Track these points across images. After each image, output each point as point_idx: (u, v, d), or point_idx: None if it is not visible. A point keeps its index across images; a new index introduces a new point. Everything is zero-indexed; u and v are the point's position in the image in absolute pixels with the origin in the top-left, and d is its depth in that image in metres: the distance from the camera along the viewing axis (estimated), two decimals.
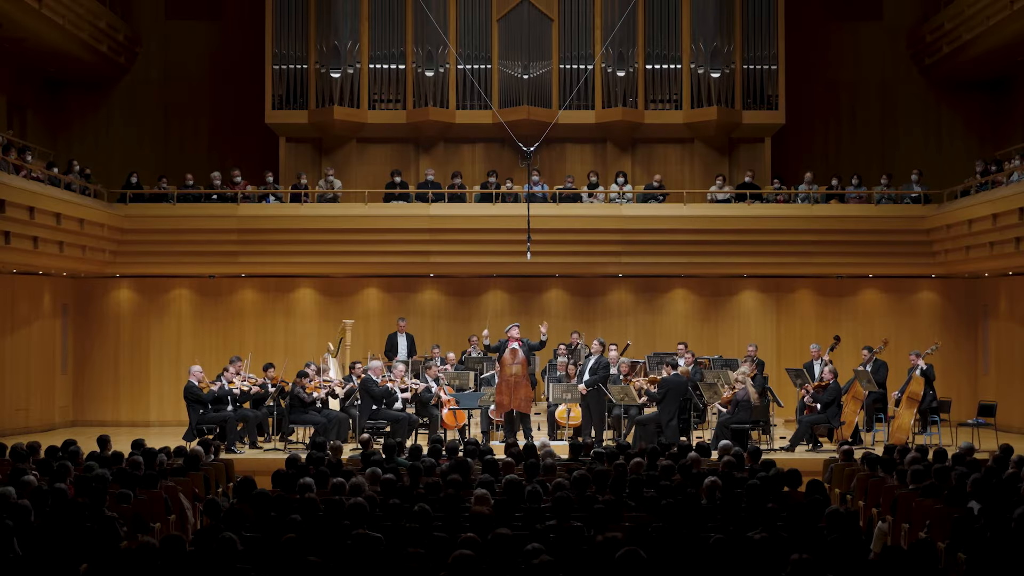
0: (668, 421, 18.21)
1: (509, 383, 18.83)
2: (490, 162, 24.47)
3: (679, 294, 24.28)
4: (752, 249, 22.58)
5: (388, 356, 21.77)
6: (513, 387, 18.83)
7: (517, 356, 18.96)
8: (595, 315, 24.22)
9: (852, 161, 25.10)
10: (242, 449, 18.71)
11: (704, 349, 23.16)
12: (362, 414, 18.77)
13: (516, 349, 18.95)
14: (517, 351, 18.95)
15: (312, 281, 24.14)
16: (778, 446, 18.99)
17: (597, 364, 19.13)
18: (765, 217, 22.57)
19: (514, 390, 18.82)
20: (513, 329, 19.07)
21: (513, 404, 18.84)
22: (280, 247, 22.53)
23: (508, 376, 18.85)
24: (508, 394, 18.83)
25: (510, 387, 18.83)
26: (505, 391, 18.83)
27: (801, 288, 24.16)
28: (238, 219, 22.42)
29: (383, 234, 22.43)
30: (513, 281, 24.20)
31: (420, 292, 24.32)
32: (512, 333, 19.02)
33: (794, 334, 24.00)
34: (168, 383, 23.59)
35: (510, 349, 18.93)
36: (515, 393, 18.82)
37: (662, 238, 22.53)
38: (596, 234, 22.53)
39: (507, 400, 18.83)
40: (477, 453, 14.15)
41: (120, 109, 25.41)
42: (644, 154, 24.83)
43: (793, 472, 12.27)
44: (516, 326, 19.18)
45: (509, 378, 18.84)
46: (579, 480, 11.29)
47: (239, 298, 24.09)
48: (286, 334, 23.99)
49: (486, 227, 22.33)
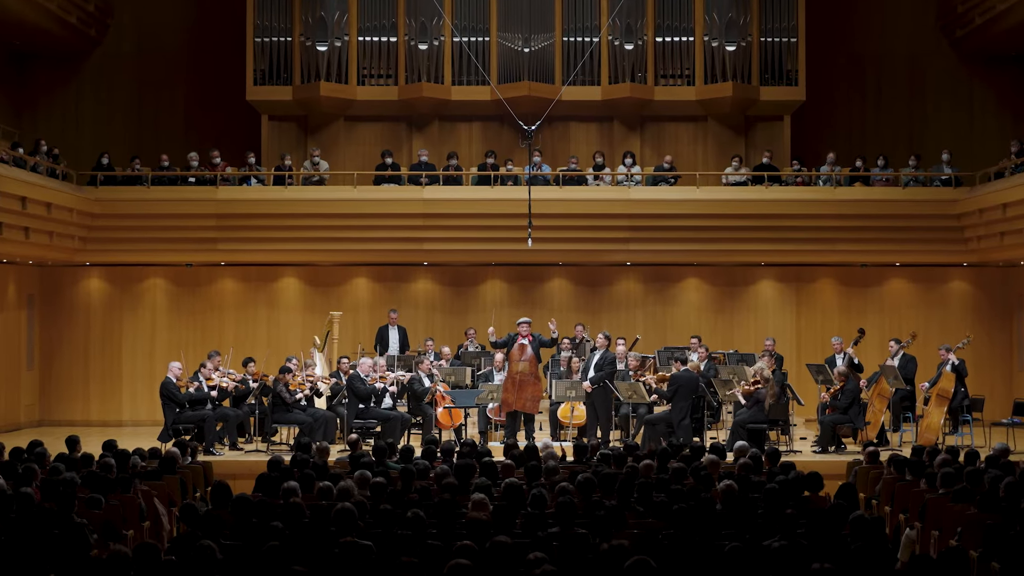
0: (680, 421, 18.20)
1: (515, 380, 18.82)
2: (488, 142, 24.44)
3: (691, 284, 24.26)
4: (770, 235, 22.55)
5: (378, 350, 21.75)
6: (519, 385, 18.82)
7: (525, 352, 18.95)
8: (601, 306, 24.21)
9: (877, 141, 25.07)
10: (221, 450, 18.69)
11: (718, 343, 23.15)
12: (350, 413, 18.76)
13: (525, 345, 18.95)
14: (526, 347, 18.95)
15: (297, 270, 24.11)
16: (798, 447, 18.98)
17: (603, 359, 19.11)
18: (784, 201, 22.55)
19: (520, 388, 18.82)
20: (523, 325, 19.05)
21: (518, 404, 18.84)
22: (262, 233, 22.50)
23: (515, 373, 18.84)
24: (514, 392, 18.83)
25: (516, 385, 18.82)
26: (511, 389, 18.84)
27: (823, 277, 24.14)
28: (217, 203, 22.40)
29: (373, 219, 22.40)
30: (513, 270, 24.17)
31: (413, 282, 24.30)
32: (522, 329, 19.01)
33: (815, 327, 23.98)
34: (142, 379, 23.59)
35: (519, 344, 18.92)
36: (521, 392, 18.82)
37: (673, 224, 22.50)
38: (602, 219, 22.51)
39: (512, 398, 18.83)
40: (474, 455, 14.13)
41: (90, 85, 25.36)
42: (654, 133, 24.80)
43: (814, 475, 12.27)
44: (527, 321, 19.18)
45: (515, 375, 18.84)
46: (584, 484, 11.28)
47: (218, 288, 24.07)
48: (269, 327, 23.98)
49: (484, 212, 22.31)
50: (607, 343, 19.40)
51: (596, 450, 14.79)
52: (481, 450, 14.58)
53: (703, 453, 14.25)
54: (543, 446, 14.49)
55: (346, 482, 11.35)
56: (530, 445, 14.59)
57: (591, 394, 18.90)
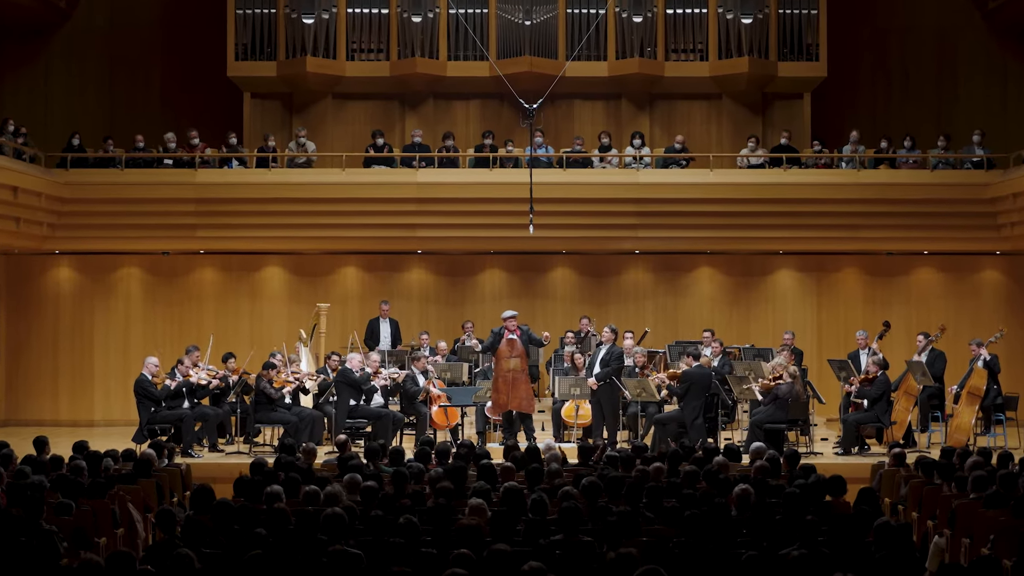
0: (692, 420, 18.20)
1: (507, 379, 18.80)
2: (486, 121, 24.41)
3: (704, 274, 24.25)
4: (789, 222, 22.53)
5: (369, 345, 21.74)
6: (511, 384, 18.79)
7: (515, 348, 18.92)
8: (608, 298, 24.20)
9: (904, 120, 25.02)
10: (200, 452, 18.70)
11: (733, 337, 23.15)
12: (339, 412, 18.75)
13: (514, 340, 18.91)
14: (515, 342, 18.92)
15: (281, 259, 24.10)
16: (819, 449, 18.98)
17: (609, 354, 19.10)
18: (803, 185, 22.52)
19: (512, 387, 18.79)
20: (510, 320, 19.01)
21: (512, 404, 18.82)
22: (244, 219, 22.48)
23: (505, 371, 18.81)
24: (506, 392, 18.80)
25: (508, 384, 18.80)
26: (502, 388, 18.81)
27: (845, 266, 24.13)
28: (196, 187, 22.36)
29: (363, 204, 22.38)
30: (513, 259, 24.17)
31: (406, 271, 24.30)
32: (509, 323, 18.97)
33: (837, 319, 23.98)
34: (115, 376, 23.58)
35: (507, 340, 18.88)
36: (513, 391, 18.79)
37: (685, 209, 22.48)
38: (609, 204, 22.49)
39: (504, 398, 18.81)
40: (472, 457, 14.14)
41: (60, 61, 25.29)
42: (664, 112, 24.78)
43: (836, 479, 12.26)
44: (513, 315, 19.13)
45: (507, 373, 18.81)
46: (589, 488, 11.27)
47: (197, 278, 24.06)
48: (251, 320, 23.98)
49: (482, 196, 22.29)
50: (614, 337, 19.39)
51: (602, 452, 14.78)
52: (479, 452, 14.57)
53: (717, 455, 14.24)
54: (545, 448, 14.49)
55: (334, 486, 11.35)
56: (531, 446, 14.59)
57: (596, 392, 18.90)
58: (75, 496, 11.73)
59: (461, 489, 12.00)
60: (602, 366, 18.99)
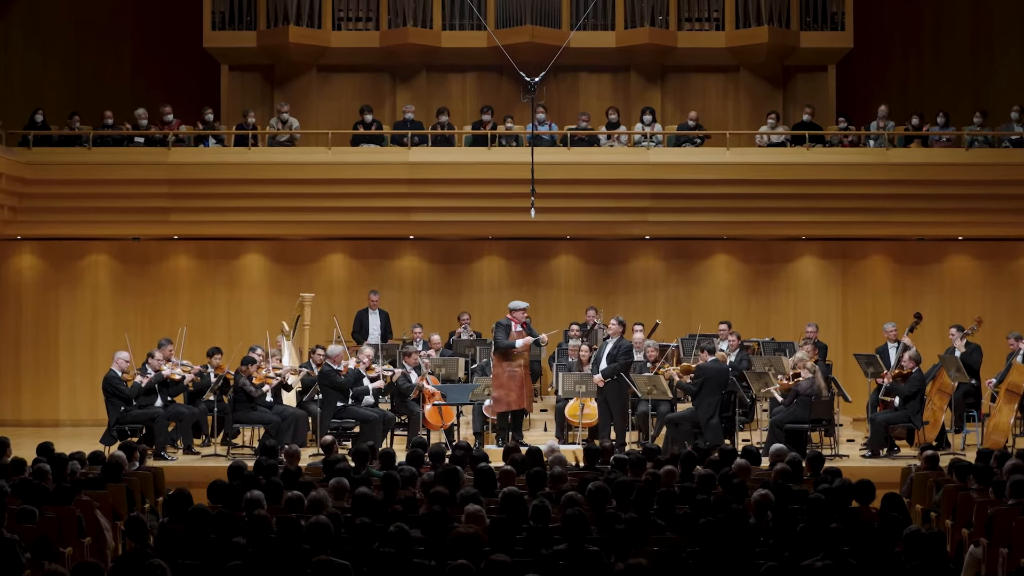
0: (708, 419, 18.20)
1: (515, 376, 18.74)
2: (484, 96, 24.40)
3: (721, 261, 24.25)
4: (812, 205, 22.52)
5: (357, 339, 21.73)
6: (522, 381, 18.78)
7: (525, 341, 18.94)
8: (616, 287, 24.20)
9: (937, 95, 24.99)
10: (174, 455, 18.70)
11: (752, 330, 23.14)
12: (324, 411, 18.74)
13: (522, 332, 18.93)
14: (523, 335, 18.94)
15: (262, 245, 24.10)
16: (844, 451, 18.97)
17: (616, 349, 19.06)
18: (828, 165, 22.49)
19: (523, 384, 18.79)
20: (519, 312, 18.95)
21: (521, 402, 18.83)
22: (222, 202, 22.46)
23: (515, 367, 18.76)
24: (516, 389, 18.76)
25: (517, 381, 18.75)
26: (511, 385, 18.75)
27: (873, 253, 24.13)
28: (169, 167, 22.33)
29: (350, 186, 22.36)
30: (513, 245, 24.17)
31: (397, 259, 24.29)
32: (517, 315, 18.93)
33: (864, 311, 23.98)
34: (82, 372, 23.58)
35: (516, 332, 18.88)
36: (523, 388, 18.80)
37: (699, 191, 22.46)
38: (617, 186, 22.48)
39: (515, 396, 18.78)
40: (468, 460, 14.13)
41: (21, 30, 25.21)
42: (677, 86, 24.77)
43: (864, 484, 12.25)
44: (525, 306, 19.06)
45: (517, 369, 18.78)
46: (596, 493, 11.26)
47: (170, 266, 24.06)
48: (229, 311, 23.98)
49: (479, 177, 22.26)
50: (621, 330, 19.34)
51: (610, 454, 14.77)
52: (476, 454, 14.57)
53: (734, 457, 14.22)
54: (548, 449, 14.47)
55: (319, 491, 11.34)
56: (533, 449, 14.56)
57: (603, 389, 18.86)
58: (38, 502, 11.71)
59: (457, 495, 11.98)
60: (609, 361, 18.97)
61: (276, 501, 11.66)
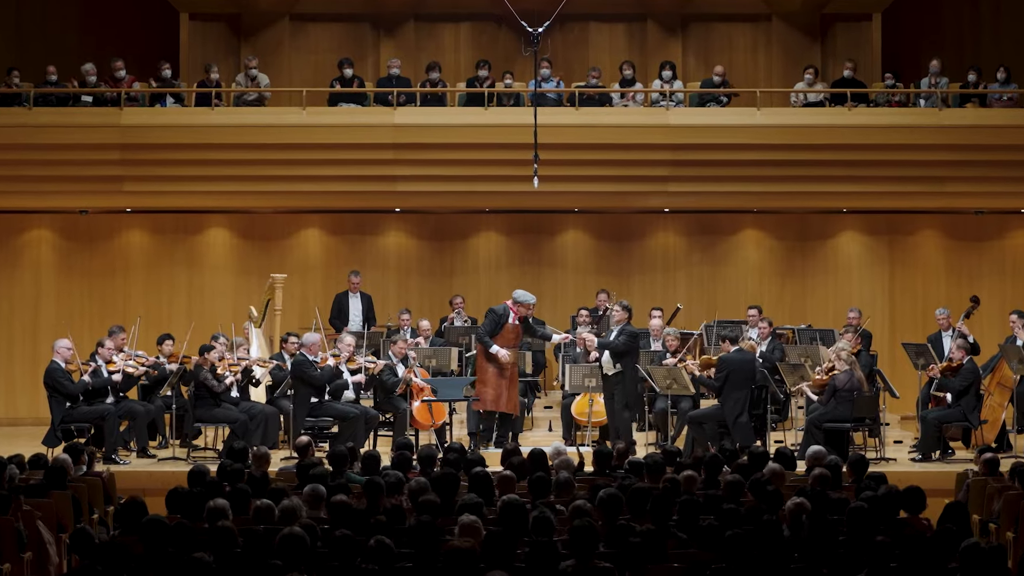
0: (735, 418, 18.17)
1: (504, 374, 18.63)
2: (481, 50, 24.39)
3: (750, 237, 24.25)
4: (854, 173, 22.49)
5: (335, 326, 21.72)
6: (511, 380, 18.70)
7: (519, 336, 18.87)
8: (631, 267, 24.20)
9: (997, 48, 24.97)
10: (126, 458, 18.71)
11: (785, 316, 23.18)
12: (298, 408, 18.71)
13: (517, 327, 18.83)
14: (519, 329, 18.86)
15: (227, 219, 24.12)
16: (891, 453, 18.96)
17: (620, 333, 18.82)
18: (872, 128, 22.46)
19: (510, 385, 18.70)
20: (521, 306, 18.80)
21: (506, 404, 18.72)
22: (181, 170, 22.42)
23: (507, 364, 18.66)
24: (495, 387, 18.64)
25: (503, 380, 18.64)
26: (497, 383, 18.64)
27: (924, 228, 24.13)
28: (121, 130, 22.28)
29: (328, 151, 22.32)
30: (514, 219, 24.18)
31: (381, 234, 24.30)
32: (520, 309, 18.78)
33: (914, 294, 24.00)
34: (21, 364, 23.61)
35: (510, 325, 18.78)
36: (511, 389, 18.70)
37: (726, 157, 22.42)
38: (632, 151, 22.45)
39: (492, 395, 18.64)
40: (462, 464, 14.11)
41: None
42: (700, 37, 24.78)
43: (913, 491, 12.21)
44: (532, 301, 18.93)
45: (507, 366, 18.68)
46: (608, 502, 11.24)
47: (122, 243, 24.07)
48: (190, 294, 23.98)
49: (475, 141, 22.24)
50: (627, 316, 19.09)
51: (624, 457, 14.75)
52: (471, 457, 14.56)
53: (766, 461, 14.23)
54: (553, 452, 14.46)
55: (292, 500, 11.33)
56: (536, 451, 14.54)
57: (608, 379, 18.72)
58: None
59: (449, 503, 11.97)
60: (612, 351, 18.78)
61: (243, 511, 11.63)
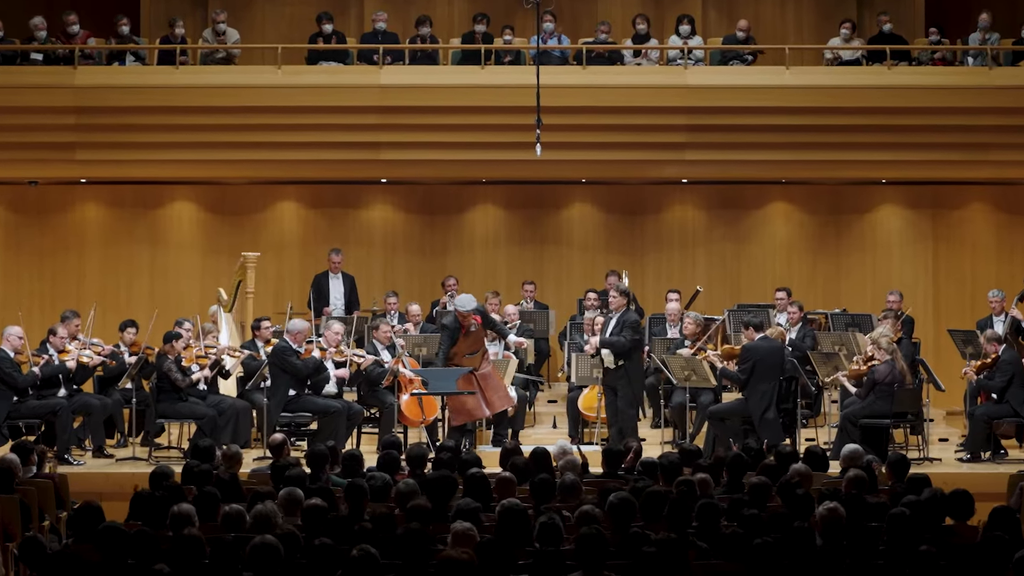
0: (762, 413, 18.16)
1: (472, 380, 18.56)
2: (477, 1, 24.34)
3: (778, 211, 24.26)
4: (895, 139, 22.48)
5: (315, 309, 21.71)
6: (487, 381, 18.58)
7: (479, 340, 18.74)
8: (644, 244, 24.21)
9: None
10: (81, 458, 18.72)
11: (817, 300, 23.18)
12: (273, 402, 18.72)
13: (478, 331, 18.72)
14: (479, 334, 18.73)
15: (193, 191, 24.13)
16: (936, 453, 18.95)
17: (620, 326, 18.69)
18: (915, 89, 22.46)
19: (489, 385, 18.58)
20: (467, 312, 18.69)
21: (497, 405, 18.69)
22: (142, 136, 22.42)
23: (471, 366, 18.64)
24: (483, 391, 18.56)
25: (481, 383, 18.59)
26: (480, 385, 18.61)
27: (973, 201, 24.14)
28: (75, 92, 22.29)
29: (305, 115, 22.33)
30: (514, 191, 24.21)
31: (366, 208, 24.32)
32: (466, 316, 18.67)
33: (961, 274, 24.00)
34: None
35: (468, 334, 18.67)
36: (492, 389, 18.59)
37: (751, 121, 22.42)
38: (646, 115, 22.44)
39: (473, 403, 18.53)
40: (456, 464, 14.12)
41: None
42: None
43: (961, 495, 12.21)
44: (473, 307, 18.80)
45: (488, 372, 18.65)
46: (619, 507, 11.24)
47: (77, 217, 24.10)
48: (152, 274, 24.00)
49: (470, 104, 22.26)
50: (626, 302, 18.98)
51: (637, 457, 14.75)
52: (466, 457, 14.57)
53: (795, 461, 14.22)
54: (559, 451, 14.46)
55: (266, 505, 11.32)
56: (539, 450, 14.53)
57: (610, 373, 18.64)
58: None
59: (442, 509, 11.97)
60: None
61: (211, 518, 11.64)
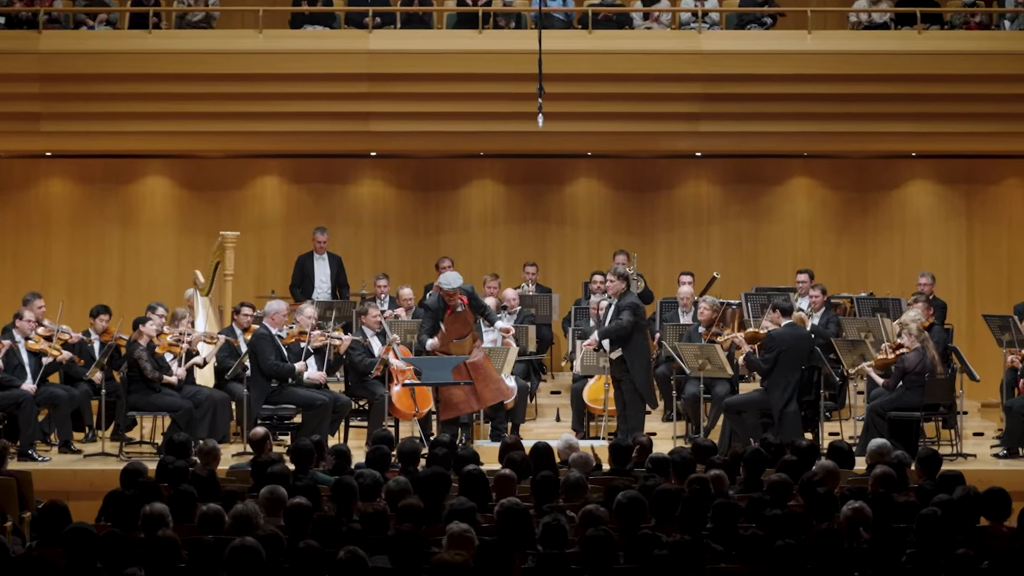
0: (782, 406, 18.17)
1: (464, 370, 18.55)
2: None
3: (800, 187, 24.27)
4: (925, 109, 22.48)
5: (298, 295, 21.71)
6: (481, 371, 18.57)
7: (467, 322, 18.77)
8: (655, 223, 24.22)
9: None
10: (46, 454, 18.76)
11: (842, 283, 23.21)
12: (253, 393, 18.74)
13: (462, 312, 18.72)
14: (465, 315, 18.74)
15: (167, 165, 24.15)
16: (970, 449, 18.96)
17: (618, 311, 18.64)
18: (948, 55, 22.44)
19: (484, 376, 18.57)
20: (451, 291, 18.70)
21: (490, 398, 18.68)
22: (112, 106, 22.43)
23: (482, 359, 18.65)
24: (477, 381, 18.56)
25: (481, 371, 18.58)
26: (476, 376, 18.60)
27: (1009, 176, 24.16)
28: (40, 58, 22.27)
29: (289, 83, 22.33)
30: (515, 165, 24.21)
31: (354, 183, 24.34)
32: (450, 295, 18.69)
33: (997, 255, 24.02)
34: None
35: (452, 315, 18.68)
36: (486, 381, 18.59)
37: (770, 90, 22.41)
38: (657, 83, 22.43)
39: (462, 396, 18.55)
40: (452, 460, 14.13)
41: None
42: None
43: (996, 494, 12.21)
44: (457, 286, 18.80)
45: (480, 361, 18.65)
46: (628, 506, 11.24)
47: (41, 193, 24.13)
48: (123, 255, 24.02)
49: (467, 71, 22.23)
50: (624, 287, 18.89)
51: (647, 452, 14.76)
52: (463, 453, 14.56)
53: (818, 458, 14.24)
54: (565, 446, 14.46)
55: (247, 504, 11.34)
56: (541, 445, 14.54)
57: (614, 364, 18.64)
58: None
59: (436, 508, 11.98)
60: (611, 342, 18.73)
61: (187, 518, 11.65)
